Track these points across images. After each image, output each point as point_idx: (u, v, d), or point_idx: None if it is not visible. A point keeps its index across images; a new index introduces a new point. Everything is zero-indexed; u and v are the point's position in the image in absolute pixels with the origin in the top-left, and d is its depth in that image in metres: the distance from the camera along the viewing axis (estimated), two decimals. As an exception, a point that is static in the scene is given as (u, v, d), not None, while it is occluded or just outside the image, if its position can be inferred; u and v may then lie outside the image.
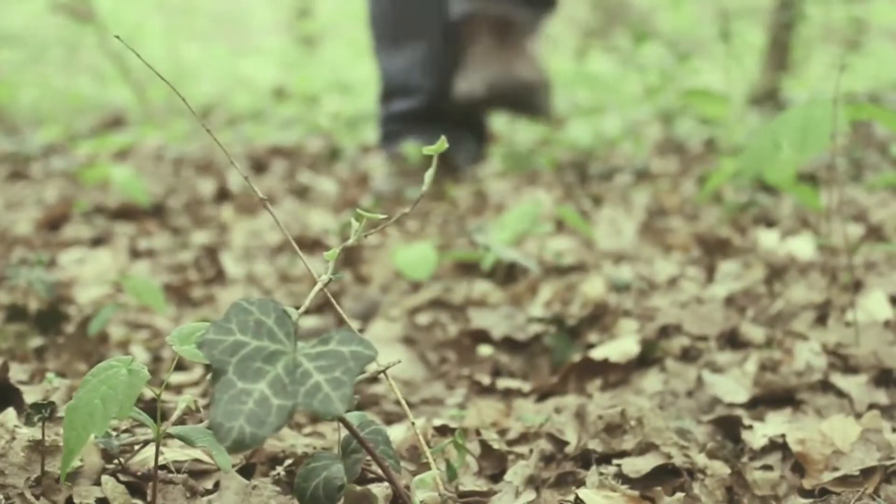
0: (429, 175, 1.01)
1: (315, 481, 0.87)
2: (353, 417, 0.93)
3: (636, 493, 1.09)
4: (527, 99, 3.20)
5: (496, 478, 1.19)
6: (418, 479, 0.91)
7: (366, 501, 0.91)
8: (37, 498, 0.98)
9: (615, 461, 1.17)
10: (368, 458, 1.11)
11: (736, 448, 1.26)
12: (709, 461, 1.17)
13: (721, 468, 1.16)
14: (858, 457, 1.17)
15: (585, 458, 1.20)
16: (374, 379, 1.54)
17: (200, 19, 10.33)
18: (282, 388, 0.71)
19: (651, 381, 1.49)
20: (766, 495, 1.14)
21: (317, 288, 0.96)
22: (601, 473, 1.14)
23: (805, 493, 1.14)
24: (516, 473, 1.17)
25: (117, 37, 1.07)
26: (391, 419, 1.40)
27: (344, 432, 0.93)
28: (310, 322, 1.85)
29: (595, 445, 1.20)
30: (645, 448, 1.19)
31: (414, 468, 1.18)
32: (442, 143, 0.99)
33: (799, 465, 1.19)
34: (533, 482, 1.17)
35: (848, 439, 1.20)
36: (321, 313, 1.91)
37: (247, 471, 1.10)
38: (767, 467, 1.20)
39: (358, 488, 0.94)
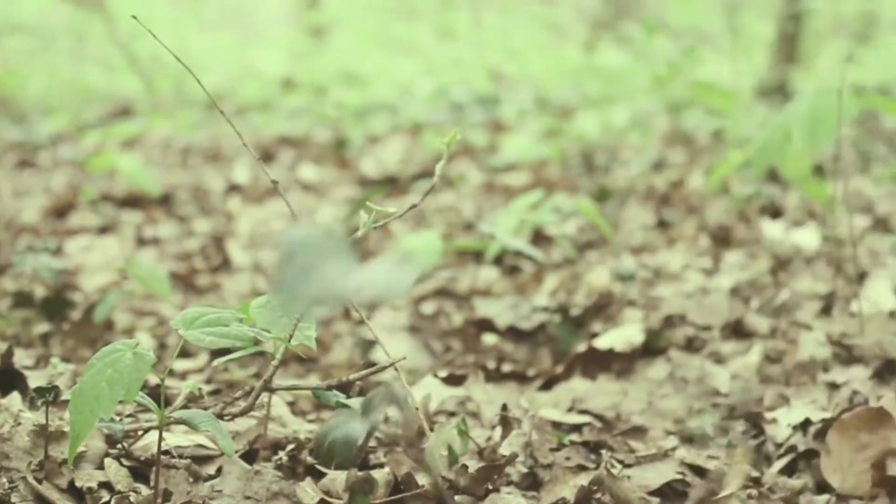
0: (440, 166, 1.01)
1: (334, 435, 0.89)
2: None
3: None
4: None
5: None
6: (439, 428, 0.93)
7: (367, 486, 0.91)
8: (39, 482, 0.98)
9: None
10: (372, 444, 1.12)
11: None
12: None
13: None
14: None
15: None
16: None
17: (209, 10, 10.33)
18: (345, 274, 0.76)
19: (656, 370, 1.49)
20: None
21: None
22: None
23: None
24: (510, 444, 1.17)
25: (134, 17, 1.07)
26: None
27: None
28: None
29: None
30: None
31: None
32: (455, 135, 0.99)
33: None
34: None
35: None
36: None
37: (249, 456, 1.10)
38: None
39: (360, 473, 0.94)
